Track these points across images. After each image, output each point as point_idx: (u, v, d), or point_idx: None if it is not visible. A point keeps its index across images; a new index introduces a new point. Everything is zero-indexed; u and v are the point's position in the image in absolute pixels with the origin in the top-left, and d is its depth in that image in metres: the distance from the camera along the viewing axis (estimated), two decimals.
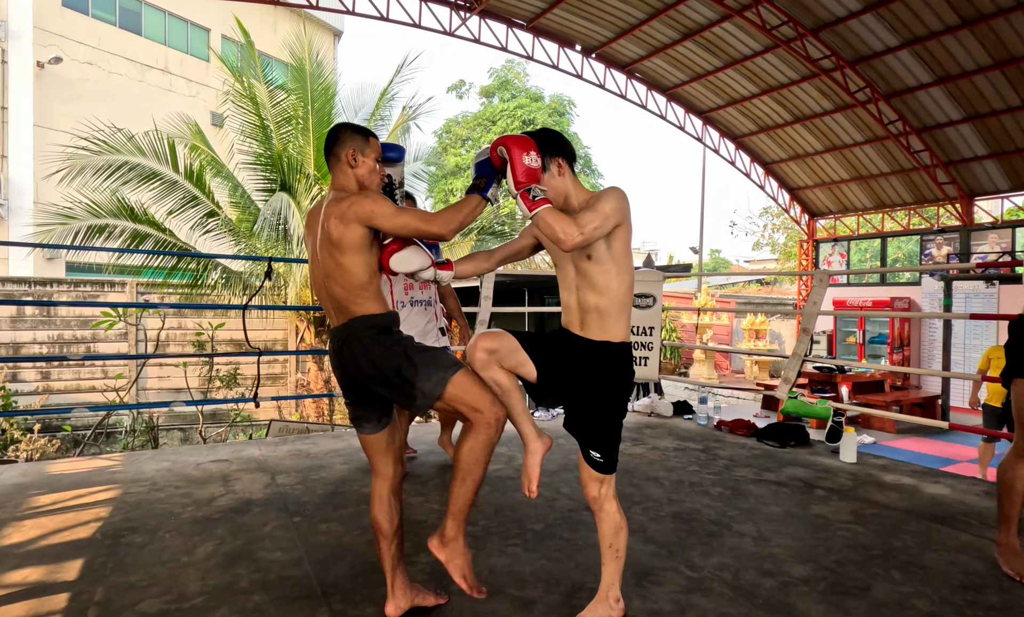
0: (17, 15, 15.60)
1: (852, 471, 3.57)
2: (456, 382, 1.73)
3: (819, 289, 3.94)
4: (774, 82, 9.63)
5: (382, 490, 1.86)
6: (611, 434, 1.80)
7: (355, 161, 1.82)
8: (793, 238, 18.28)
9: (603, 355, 1.79)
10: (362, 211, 1.72)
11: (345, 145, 1.82)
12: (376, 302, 1.81)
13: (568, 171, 1.80)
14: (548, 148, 1.76)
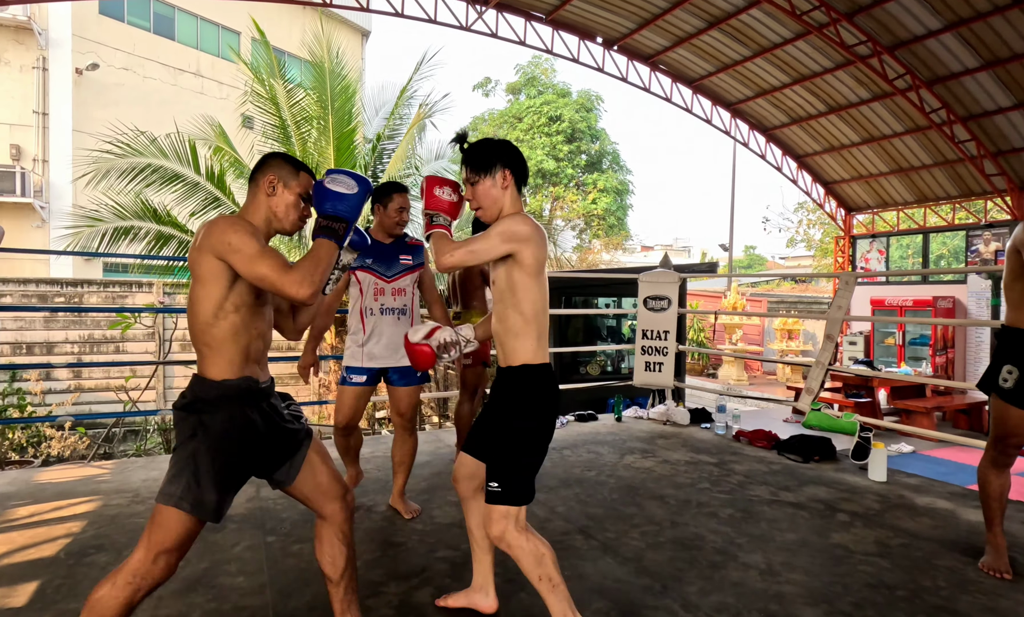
0: (57, 24, 16.09)
1: (880, 492, 3.26)
2: (163, 510, 1.46)
3: (845, 292, 3.63)
4: (806, 71, 9.16)
5: (322, 531, 1.69)
6: (511, 460, 1.68)
7: (273, 189, 1.60)
8: (829, 234, 17.56)
9: (506, 380, 1.75)
10: (219, 241, 1.47)
11: (267, 171, 1.62)
12: (214, 359, 1.52)
13: (512, 187, 1.77)
14: (501, 157, 1.75)
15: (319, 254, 1.53)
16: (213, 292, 1.50)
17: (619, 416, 4.98)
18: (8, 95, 15.66)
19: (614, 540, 2.57)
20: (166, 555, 1.47)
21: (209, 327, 1.51)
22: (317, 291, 1.50)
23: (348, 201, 1.58)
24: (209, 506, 1.48)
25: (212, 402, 1.51)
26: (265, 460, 1.59)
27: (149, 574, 1.46)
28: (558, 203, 21.48)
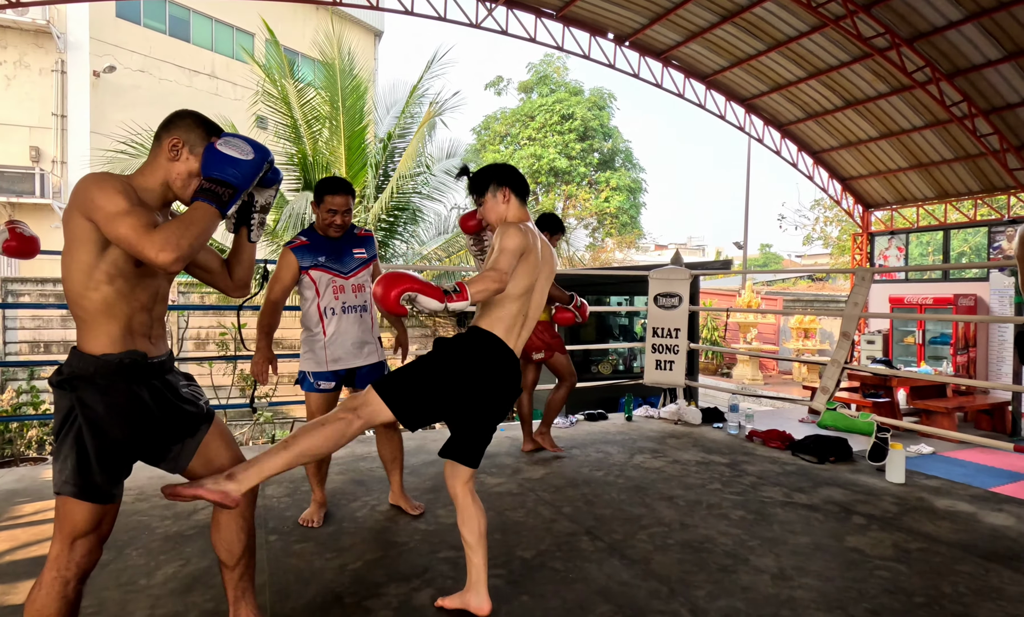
0: (75, 27, 16.30)
1: (899, 494, 3.16)
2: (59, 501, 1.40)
3: (861, 288, 3.52)
4: (822, 65, 9.00)
5: (220, 516, 1.62)
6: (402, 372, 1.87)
7: (175, 153, 1.47)
8: (847, 231, 17.27)
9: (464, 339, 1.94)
10: (84, 198, 1.35)
11: (175, 131, 1.47)
12: (90, 331, 1.40)
13: (514, 201, 2.03)
14: (497, 178, 2.02)
15: (192, 217, 1.39)
16: (81, 257, 1.37)
17: (629, 415, 4.91)
18: (28, 98, 15.89)
19: (621, 542, 2.51)
20: (82, 540, 1.40)
21: (80, 298, 1.39)
22: (182, 257, 1.35)
23: (240, 166, 1.44)
24: (100, 489, 1.40)
25: (90, 378, 1.39)
26: (154, 439, 1.49)
27: (71, 563, 1.40)
28: (570, 201, 21.37)
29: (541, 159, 20.34)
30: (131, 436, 1.43)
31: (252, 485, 1.58)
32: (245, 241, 1.69)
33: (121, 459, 1.44)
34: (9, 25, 15.34)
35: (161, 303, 1.54)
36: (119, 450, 1.42)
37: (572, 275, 9.24)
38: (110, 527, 1.48)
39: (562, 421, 4.69)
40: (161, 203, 1.50)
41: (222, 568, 1.64)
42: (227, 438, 1.63)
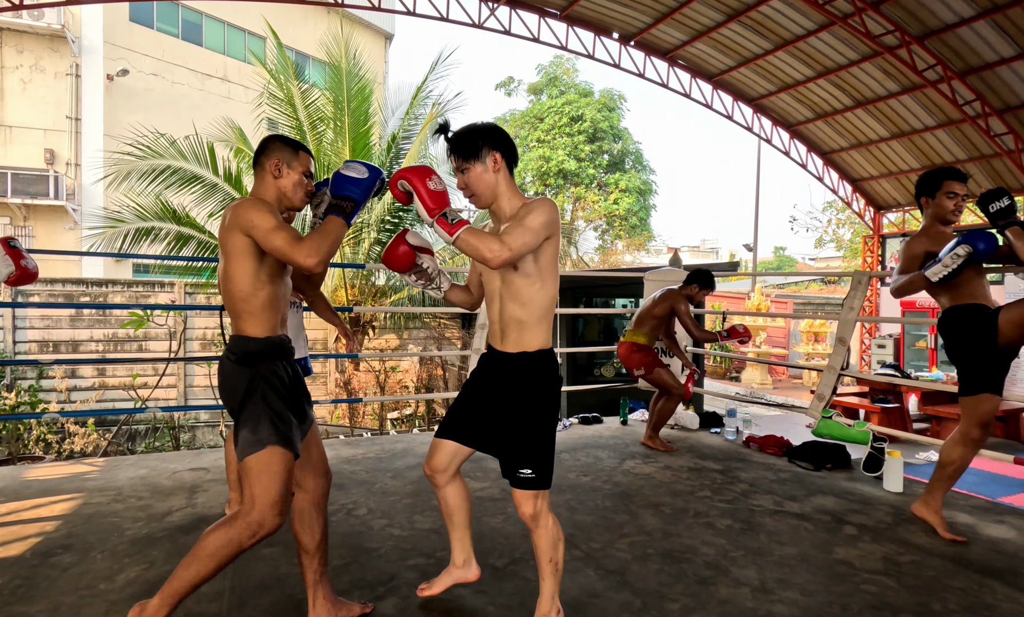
0: (89, 31, 16.51)
1: (895, 503, 3.04)
2: (259, 458, 1.62)
3: (857, 292, 3.41)
4: (831, 64, 8.84)
5: (303, 504, 1.80)
6: (539, 446, 1.74)
7: (279, 171, 1.75)
8: (859, 234, 16.98)
9: (521, 366, 1.76)
10: (243, 219, 1.64)
11: (272, 154, 1.76)
12: (254, 322, 1.70)
13: (504, 169, 1.75)
14: (488, 140, 1.72)
15: (327, 228, 1.66)
16: (247, 266, 1.66)
17: (625, 419, 4.82)
18: (43, 101, 16.12)
19: (599, 551, 2.42)
20: (279, 502, 1.62)
21: (250, 297, 1.68)
22: (325, 260, 1.63)
23: (358, 184, 1.71)
24: (291, 439, 1.65)
25: (263, 354, 1.69)
26: (299, 406, 1.76)
27: (266, 522, 1.60)
28: (579, 204, 21.27)
29: (550, 161, 20.27)
30: (290, 401, 1.71)
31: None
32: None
33: (291, 418, 1.69)
34: (25, 30, 15.58)
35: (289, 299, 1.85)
36: (293, 411, 1.70)
37: (577, 276, 9.15)
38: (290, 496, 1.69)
39: (558, 426, 4.60)
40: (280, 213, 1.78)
41: (301, 554, 1.80)
42: (318, 432, 1.88)
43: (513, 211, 1.73)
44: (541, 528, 1.74)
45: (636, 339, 4.08)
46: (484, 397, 1.86)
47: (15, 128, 15.91)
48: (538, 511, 1.73)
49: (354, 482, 3.24)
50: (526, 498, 1.73)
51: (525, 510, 1.73)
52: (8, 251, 2.64)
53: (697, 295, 4.07)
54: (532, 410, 1.73)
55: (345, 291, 9.95)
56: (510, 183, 1.75)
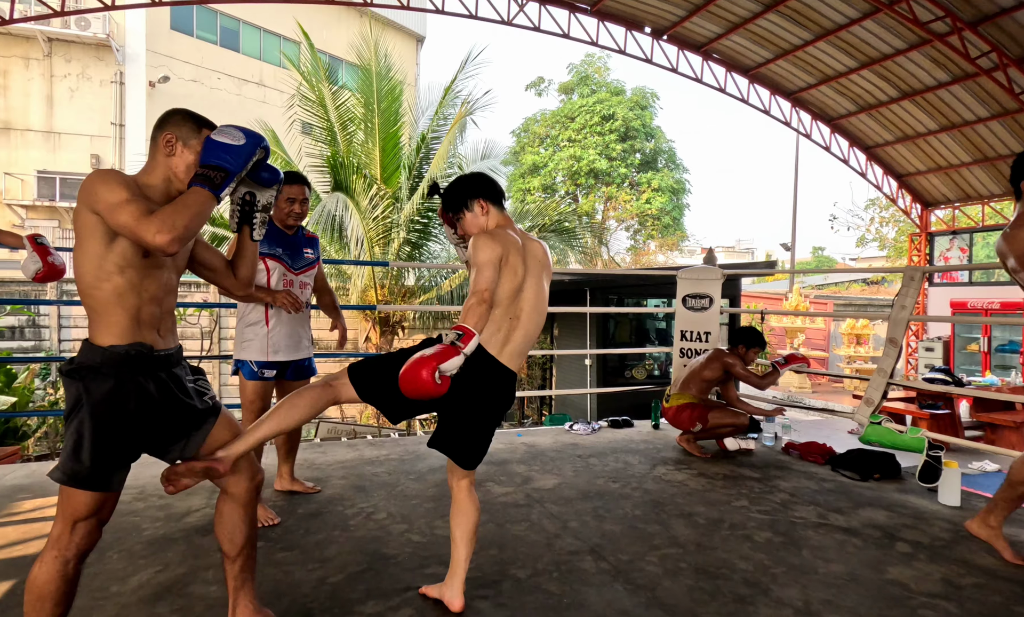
0: (133, 40, 17.03)
1: (952, 519, 2.81)
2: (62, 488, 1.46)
3: (909, 290, 3.17)
4: (875, 53, 8.45)
5: (222, 507, 1.67)
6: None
7: (170, 149, 1.54)
8: (904, 232, 16.27)
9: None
10: (88, 193, 1.41)
11: (167, 128, 1.54)
12: (102, 323, 1.46)
13: (493, 210, 1.96)
14: (471, 192, 1.94)
15: (186, 200, 1.45)
16: (91, 249, 1.43)
17: (657, 423, 4.64)
18: (89, 108, 16.68)
19: (628, 564, 2.28)
20: (82, 523, 1.46)
21: (92, 289, 1.45)
22: (178, 238, 1.40)
23: (232, 151, 1.51)
24: (95, 477, 1.44)
25: (96, 368, 1.45)
26: (158, 432, 1.53)
27: (71, 544, 1.46)
28: (611, 203, 20.99)
29: (581, 160, 20.05)
30: (133, 427, 1.47)
31: (240, 451, 1.65)
32: (248, 239, 1.74)
33: (120, 449, 1.47)
34: (73, 40, 16.16)
35: (171, 295, 1.59)
36: (119, 440, 1.46)
37: (607, 275, 8.99)
38: (110, 512, 1.53)
39: (583, 428, 4.46)
40: (165, 198, 1.55)
41: (224, 558, 1.67)
42: (234, 428, 1.67)
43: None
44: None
45: (683, 402, 3.89)
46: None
47: (63, 134, 16.51)
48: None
49: (375, 484, 3.16)
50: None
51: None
52: (35, 248, 2.65)
53: (748, 356, 3.86)
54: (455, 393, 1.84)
55: (375, 291, 9.97)
56: (500, 219, 1.96)
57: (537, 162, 21.05)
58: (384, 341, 10.68)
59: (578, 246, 11.63)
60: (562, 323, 9.29)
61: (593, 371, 8.14)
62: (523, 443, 4.08)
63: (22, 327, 10.45)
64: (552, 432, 4.48)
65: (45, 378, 9.52)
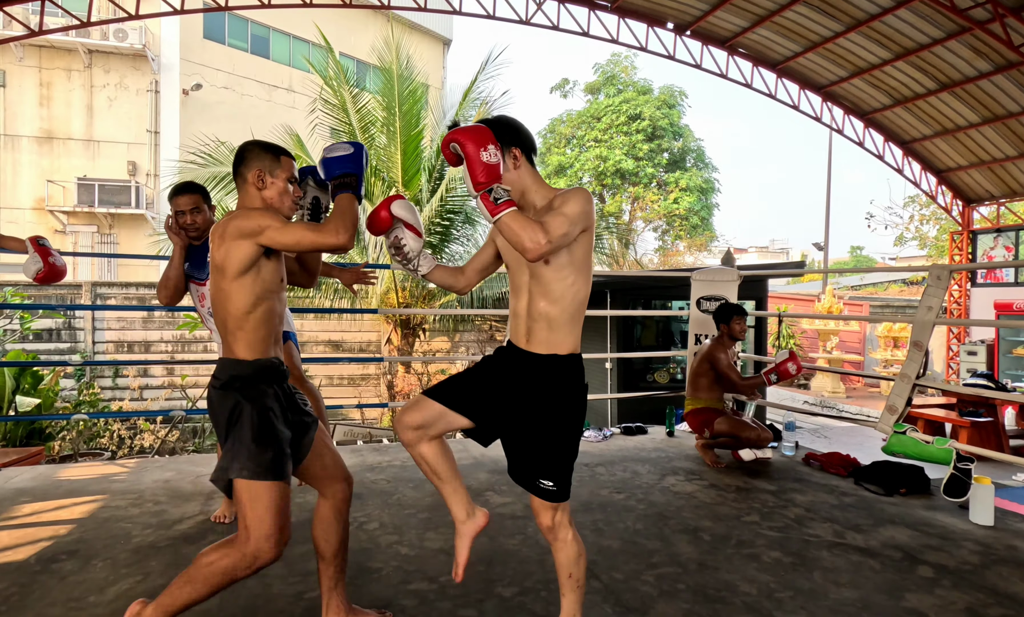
0: (167, 49, 17.53)
1: (983, 540, 2.60)
2: (248, 487, 1.55)
3: (936, 290, 2.96)
4: (911, 44, 8.07)
5: (322, 510, 1.76)
6: (563, 458, 1.64)
7: (262, 182, 1.69)
8: (946, 230, 15.56)
9: (549, 370, 1.64)
10: (248, 225, 1.58)
11: (251, 165, 1.68)
12: (247, 342, 1.63)
13: (525, 163, 1.66)
14: (504, 137, 1.62)
15: (343, 205, 1.63)
16: (245, 280, 1.60)
17: (671, 430, 4.48)
18: (127, 116, 17.21)
19: (620, 583, 2.16)
20: (275, 533, 1.56)
21: (248, 315, 1.61)
22: (352, 235, 1.59)
23: (351, 159, 1.67)
24: (269, 466, 1.56)
25: (248, 378, 1.61)
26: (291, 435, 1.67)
27: (261, 555, 1.54)
28: (638, 203, 20.69)
29: (607, 161, 19.83)
30: (279, 425, 1.62)
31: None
32: None
33: (280, 442, 1.60)
34: (111, 51, 16.70)
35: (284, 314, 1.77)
36: (278, 434, 1.60)
37: (629, 277, 8.80)
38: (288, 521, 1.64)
39: (594, 435, 4.33)
40: None
41: (319, 560, 1.76)
42: (330, 441, 1.81)
43: (546, 202, 1.63)
44: (560, 541, 1.66)
45: (695, 406, 3.80)
46: (499, 388, 1.69)
47: (102, 142, 17.08)
48: (557, 524, 1.65)
49: (373, 492, 3.10)
50: (545, 510, 1.65)
51: (543, 522, 1.66)
52: (37, 249, 2.68)
53: (735, 331, 3.73)
54: (559, 420, 1.63)
55: (396, 294, 9.98)
56: (534, 175, 1.67)
57: (563, 163, 20.90)
58: (405, 343, 10.69)
59: (600, 248, 11.44)
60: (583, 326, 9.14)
61: (614, 375, 7.98)
62: None
63: (58, 330, 10.79)
64: None
65: (80, 379, 9.80)
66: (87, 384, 9.89)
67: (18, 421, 5.29)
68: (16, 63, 16.15)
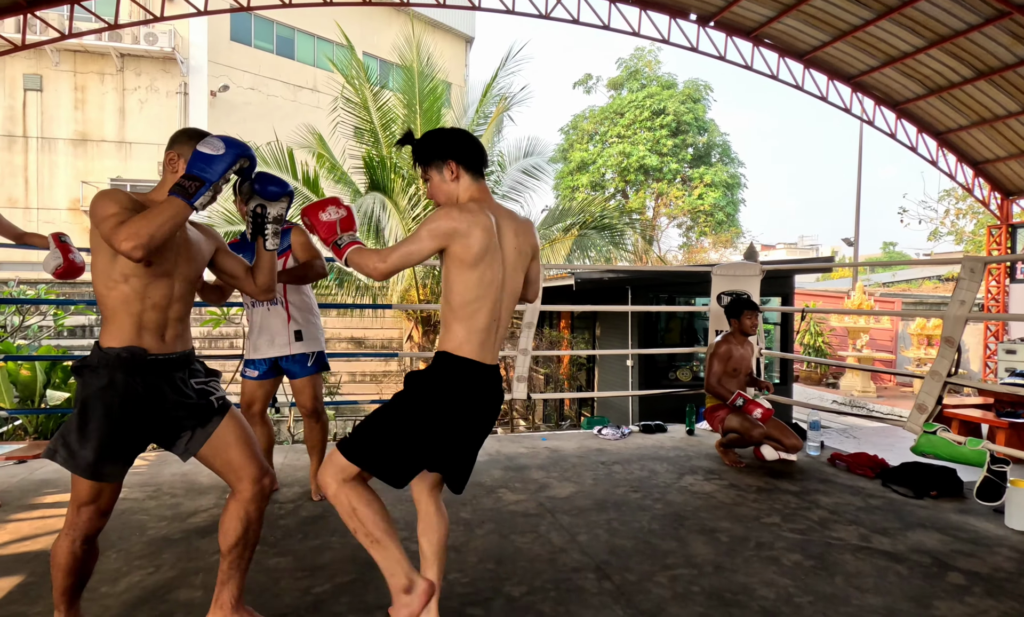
0: (196, 52, 17.87)
1: (1020, 545, 2.47)
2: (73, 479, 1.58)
3: (969, 283, 2.82)
4: (946, 30, 7.77)
5: (228, 504, 1.72)
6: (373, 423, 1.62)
7: (175, 167, 1.63)
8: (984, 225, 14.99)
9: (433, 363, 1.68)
10: (92, 212, 1.53)
11: (171, 148, 1.64)
12: (108, 327, 1.59)
13: (465, 175, 1.67)
14: (441, 150, 1.66)
15: (158, 209, 1.50)
16: (99, 260, 1.56)
17: (691, 428, 4.39)
18: (157, 119, 17.59)
19: (634, 585, 2.10)
20: (85, 508, 1.58)
21: (103, 297, 1.58)
22: (142, 245, 1.46)
23: (210, 161, 1.55)
24: (83, 463, 1.54)
25: (93, 367, 1.57)
26: (147, 429, 1.62)
27: (76, 525, 1.59)
28: (662, 200, 20.43)
29: (630, 157, 19.61)
30: (118, 423, 1.56)
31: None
32: (263, 249, 1.83)
33: (108, 443, 1.56)
34: (142, 54, 17.09)
35: (179, 303, 1.67)
36: (106, 433, 1.55)
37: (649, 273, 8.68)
38: (108, 503, 1.63)
39: (612, 432, 4.26)
40: None
41: (220, 553, 1.72)
42: (242, 435, 1.72)
43: None
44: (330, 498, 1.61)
45: (713, 403, 3.75)
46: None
47: (134, 144, 17.49)
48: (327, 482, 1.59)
49: (382, 486, 3.07)
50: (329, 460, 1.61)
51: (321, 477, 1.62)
52: (58, 245, 2.73)
53: (745, 326, 3.66)
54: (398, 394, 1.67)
55: (417, 291, 10.02)
56: (469, 189, 1.67)
57: (585, 159, 20.75)
58: (426, 340, 10.72)
59: (623, 243, 11.31)
60: (603, 322, 9.04)
61: (635, 372, 7.88)
62: (546, 448, 3.93)
63: (91, 326, 11.09)
64: (578, 436, 4.30)
65: None
66: None
67: (49, 414, 5.43)
68: (52, 68, 16.63)
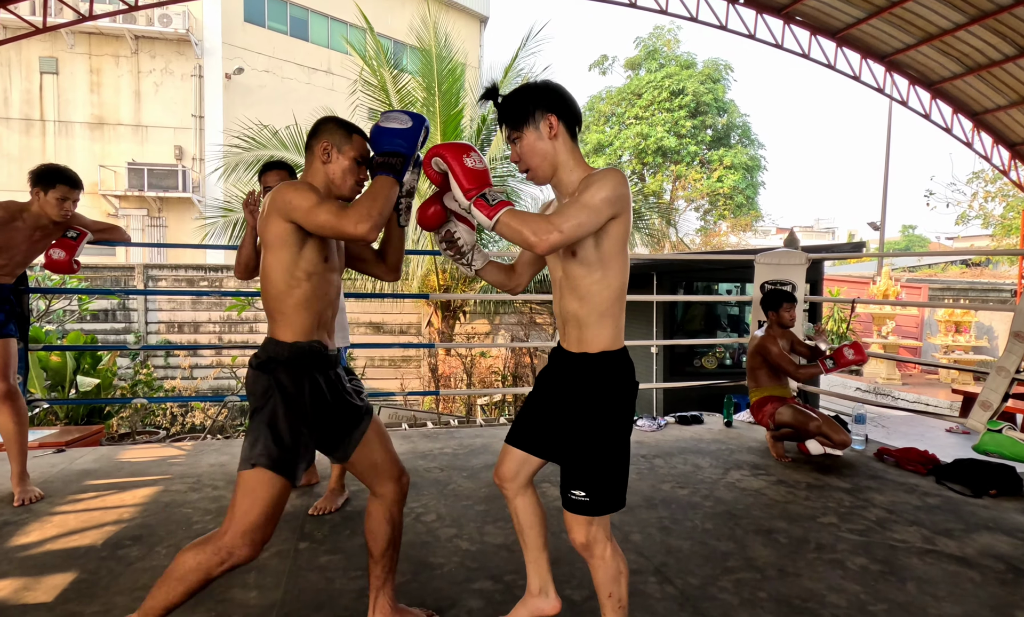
0: (210, 34, 17.76)
1: None
2: (247, 477, 1.48)
3: None
4: (988, 5, 7.47)
5: (372, 509, 1.71)
6: (596, 465, 1.47)
7: (328, 156, 1.60)
8: (1013, 208, 14.61)
9: (580, 369, 1.52)
10: (280, 201, 1.51)
11: (321, 137, 1.61)
12: (288, 324, 1.56)
13: (564, 134, 1.47)
14: (541, 101, 1.45)
15: (375, 189, 1.51)
16: (283, 258, 1.53)
17: (729, 420, 4.30)
18: (172, 102, 17.55)
19: (697, 589, 2.03)
20: (253, 532, 1.46)
21: (284, 296, 1.55)
22: (375, 226, 1.47)
23: (403, 135, 1.55)
24: (290, 463, 1.50)
25: (286, 361, 1.55)
26: (329, 429, 1.62)
27: (236, 551, 1.45)
28: (680, 182, 20.14)
29: (648, 138, 19.31)
30: (315, 418, 1.57)
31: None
32: (395, 226, 1.77)
33: (307, 439, 1.55)
34: (156, 36, 17.01)
35: (339, 298, 1.71)
36: (307, 429, 1.55)
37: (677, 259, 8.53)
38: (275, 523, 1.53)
39: (648, 424, 4.18)
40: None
41: (369, 559, 1.72)
42: (382, 432, 1.72)
43: (575, 184, 1.47)
44: (597, 559, 1.51)
45: (759, 396, 3.63)
46: (548, 400, 1.65)
47: (150, 128, 17.48)
48: (592, 540, 1.49)
49: (427, 481, 3.03)
50: (577, 524, 1.49)
51: (576, 538, 1.51)
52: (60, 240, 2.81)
53: (784, 319, 3.56)
54: (591, 422, 1.48)
55: (436, 276, 9.95)
56: (572, 151, 1.49)
57: (602, 141, 20.46)
58: (446, 326, 10.67)
59: (644, 227, 11.15)
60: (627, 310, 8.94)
61: (660, 361, 7.78)
62: None
63: (113, 310, 11.15)
64: None
65: (135, 358, 10.13)
66: (141, 363, 10.21)
67: (80, 404, 5.45)
68: (67, 50, 16.59)
